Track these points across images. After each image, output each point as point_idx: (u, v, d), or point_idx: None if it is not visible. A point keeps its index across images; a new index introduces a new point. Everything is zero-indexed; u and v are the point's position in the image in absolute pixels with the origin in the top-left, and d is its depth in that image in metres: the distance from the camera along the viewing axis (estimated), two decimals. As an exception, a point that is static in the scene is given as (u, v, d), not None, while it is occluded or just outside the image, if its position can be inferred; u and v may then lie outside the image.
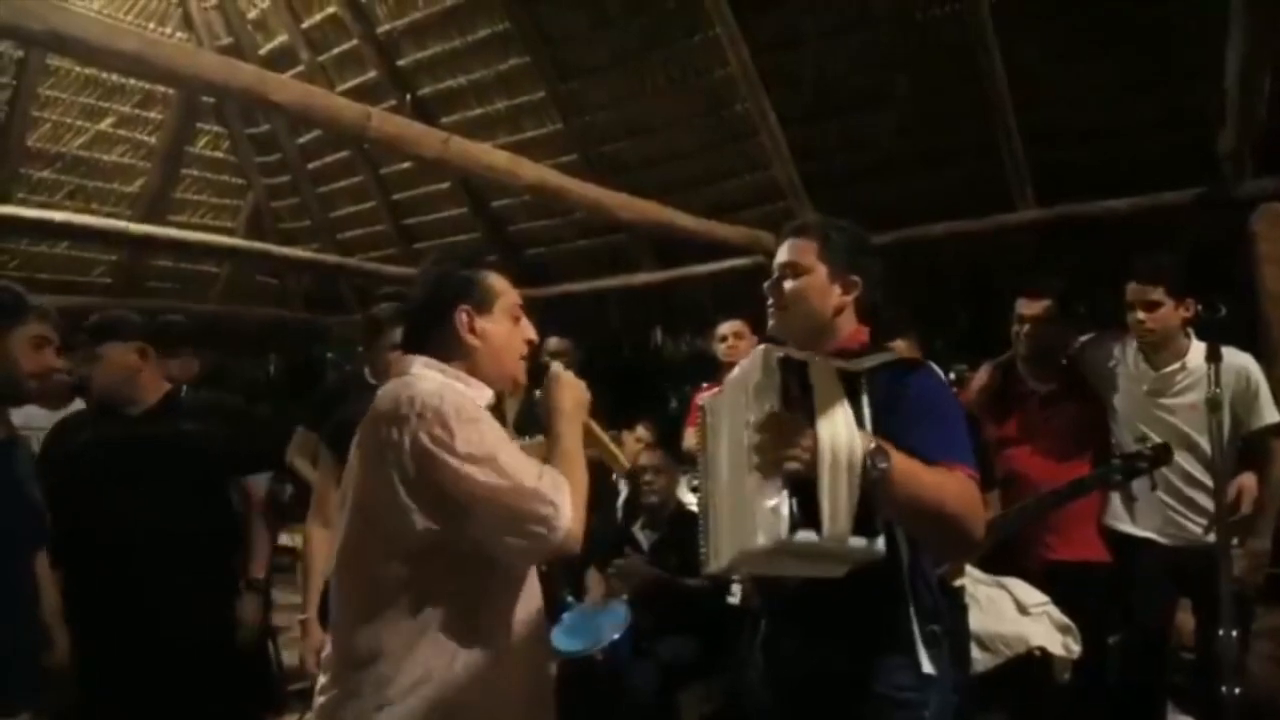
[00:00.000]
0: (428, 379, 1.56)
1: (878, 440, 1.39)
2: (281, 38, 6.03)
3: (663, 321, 6.21)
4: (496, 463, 1.45)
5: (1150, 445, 2.64)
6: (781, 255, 1.76)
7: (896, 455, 1.39)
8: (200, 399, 2.91)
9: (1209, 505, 2.73)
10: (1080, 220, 4.01)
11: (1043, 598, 2.72)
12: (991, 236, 4.27)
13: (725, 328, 3.93)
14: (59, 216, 5.01)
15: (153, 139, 6.33)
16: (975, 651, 2.57)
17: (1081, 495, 2.77)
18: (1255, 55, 2.57)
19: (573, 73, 5.05)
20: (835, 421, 1.38)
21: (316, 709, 1.54)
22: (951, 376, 3.50)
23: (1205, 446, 2.67)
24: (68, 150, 5.96)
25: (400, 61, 5.61)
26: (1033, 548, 2.95)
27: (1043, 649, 2.63)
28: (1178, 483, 2.81)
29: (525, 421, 2.03)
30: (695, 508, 2.49)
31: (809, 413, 1.38)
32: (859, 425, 1.42)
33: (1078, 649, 2.68)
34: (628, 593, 3.33)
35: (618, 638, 3.21)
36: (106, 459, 2.62)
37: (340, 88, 5.79)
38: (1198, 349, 2.71)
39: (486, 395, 1.62)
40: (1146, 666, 2.90)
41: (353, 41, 5.69)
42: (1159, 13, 3.52)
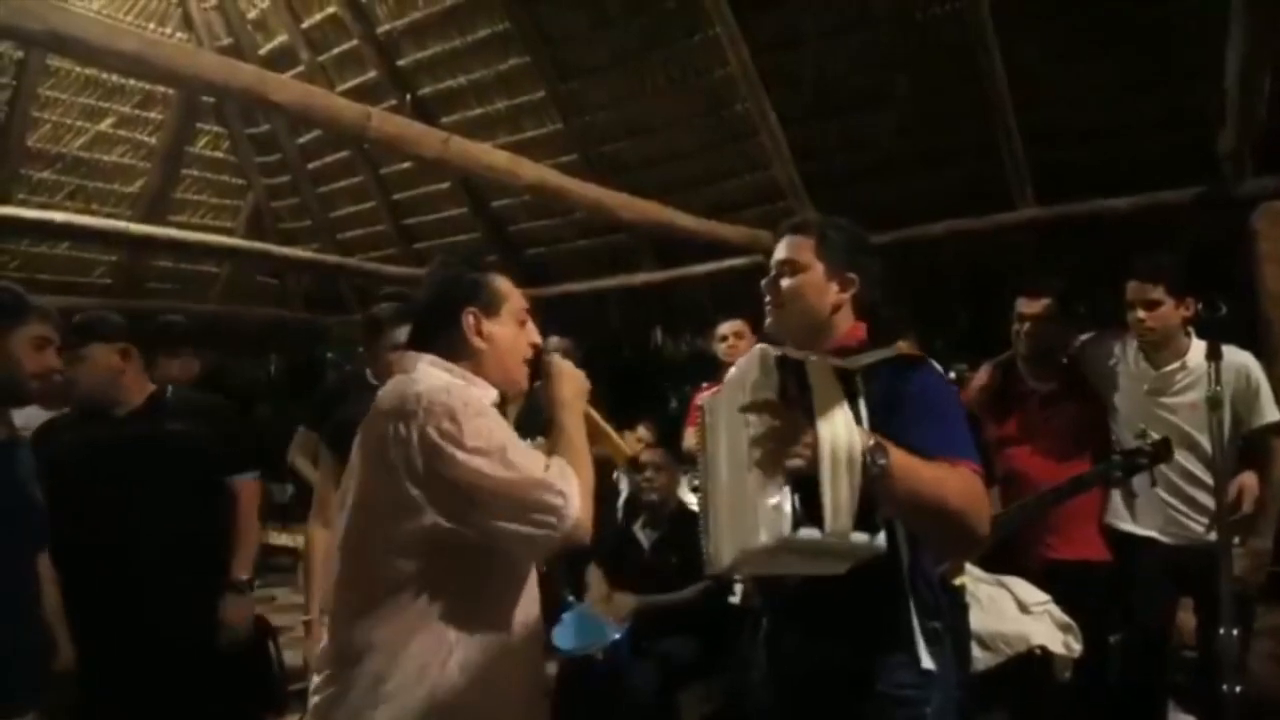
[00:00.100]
0: (434, 376, 1.56)
1: (876, 437, 1.40)
2: (281, 38, 6.03)
3: (663, 321, 6.20)
4: (505, 455, 1.46)
5: (1151, 441, 2.64)
6: (779, 253, 1.76)
7: (895, 451, 1.39)
8: (185, 399, 2.89)
9: (1210, 504, 2.72)
10: (1080, 219, 4.01)
11: (1044, 596, 2.72)
12: (991, 236, 4.27)
13: (725, 327, 3.93)
14: (59, 217, 5.02)
15: (153, 139, 6.34)
16: (976, 650, 2.56)
17: (1082, 492, 2.77)
18: (1255, 55, 2.56)
19: (573, 73, 5.05)
20: (834, 419, 1.38)
21: (312, 708, 1.53)
22: (951, 376, 3.49)
23: (1206, 445, 2.67)
24: (68, 151, 5.97)
25: (400, 61, 5.61)
26: (1033, 547, 2.95)
27: (1044, 648, 2.63)
28: (1179, 481, 2.81)
29: (526, 419, 2.02)
30: (696, 507, 2.49)
31: (808, 411, 1.38)
32: (857, 422, 1.42)
33: (1079, 648, 2.68)
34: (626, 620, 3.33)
35: (618, 637, 3.21)
36: (93, 460, 2.61)
37: (340, 88, 5.79)
38: (1198, 348, 2.71)
39: (491, 395, 1.62)
40: (1147, 665, 2.90)
41: (353, 41, 5.69)
42: (1159, 13, 3.52)
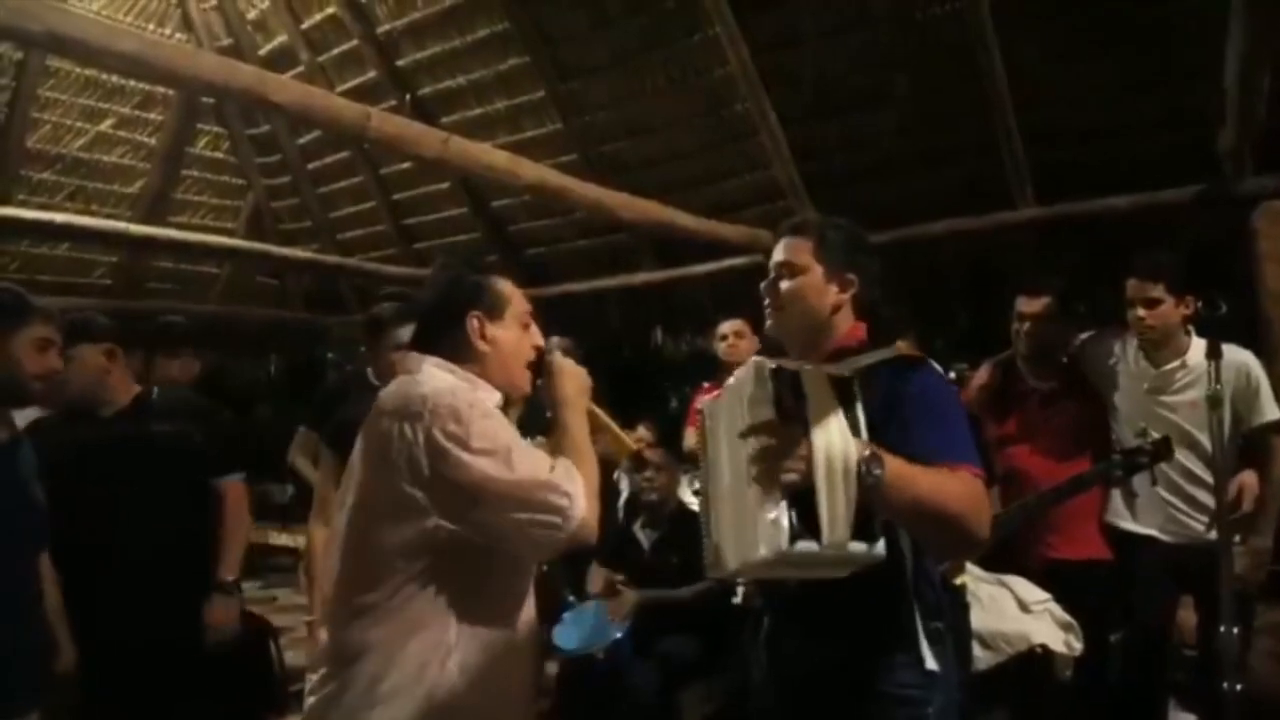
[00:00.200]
0: (438, 378, 1.56)
1: (872, 447, 1.40)
2: (281, 38, 6.03)
3: (663, 321, 6.19)
4: (510, 457, 1.46)
5: (1151, 440, 2.64)
6: (777, 255, 1.75)
7: (891, 461, 1.39)
8: (171, 400, 2.88)
9: (1210, 502, 2.72)
10: (1080, 218, 4.01)
11: (1044, 595, 2.72)
12: (991, 235, 4.27)
13: (725, 327, 3.93)
14: (59, 218, 5.02)
15: (153, 140, 6.33)
16: (977, 649, 2.56)
17: (1082, 491, 2.77)
18: (1255, 53, 2.56)
19: (572, 72, 5.05)
20: (830, 430, 1.39)
21: (309, 708, 1.53)
22: (952, 375, 3.49)
23: (1206, 444, 2.67)
24: (68, 152, 5.96)
25: (400, 62, 5.61)
26: (1034, 546, 2.95)
27: (1044, 646, 2.63)
28: (1179, 480, 2.81)
29: (529, 418, 2.02)
30: (696, 508, 2.49)
31: (803, 423, 1.39)
32: (854, 431, 1.42)
33: (1079, 646, 2.68)
34: (628, 618, 3.32)
35: (619, 637, 3.21)
36: (79, 461, 2.60)
37: (340, 88, 5.79)
38: (1198, 346, 2.71)
39: (495, 398, 1.63)
40: (1148, 664, 2.90)
41: (352, 42, 5.69)
42: (1159, 13, 3.52)
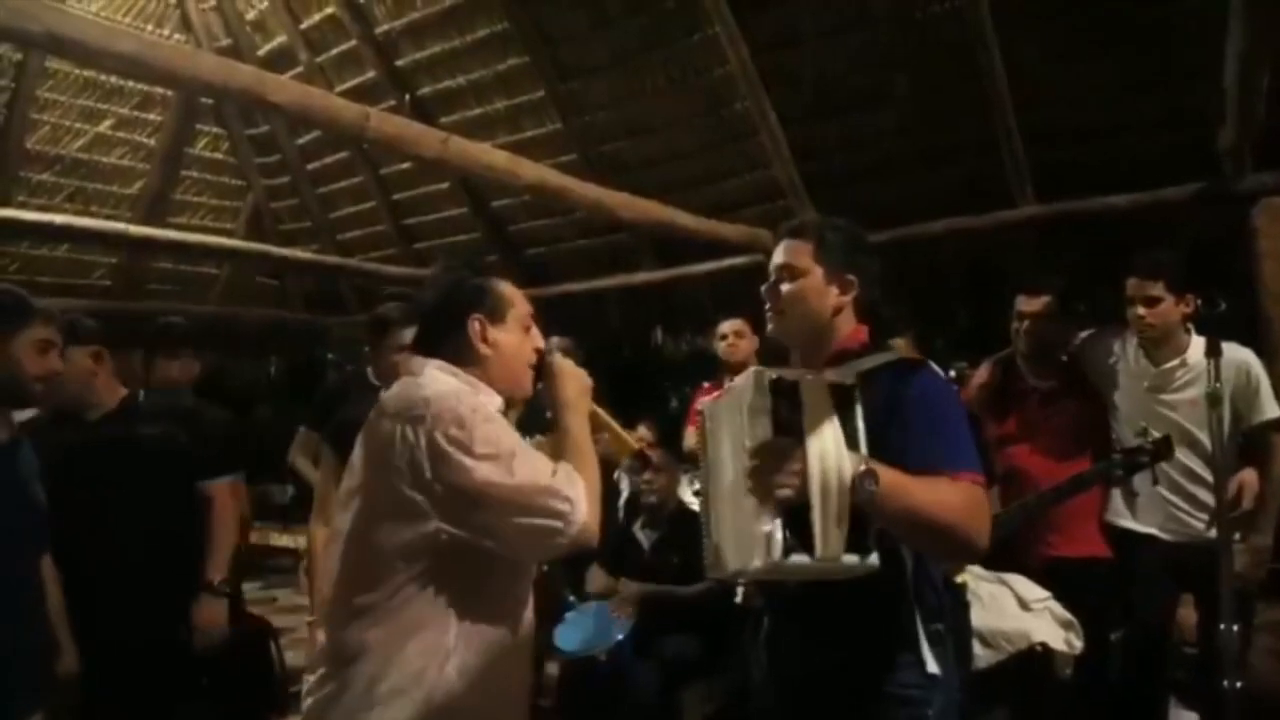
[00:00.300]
0: (441, 381, 1.56)
1: (867, 461, 1.40)
2: (280, 38, 6.03)
3: (663, 321, 6.20)
4: (512, 461, 1.46)
5: (1151, 439, 2.64)
6: (777, 258, 1.74)
7: (886, 474, 1.40)
8: (158, 403, 2.87)
9: (1210, 501, 2.72)
10: (1080, 217, 4.01)
11: (1044, 593, 2.72)
12: (991, 234, 4.27)
13: (726, 326, 3.93)
14: (59, 219, 5.00)
15: (152, 141, 6.33)
16: (977, 647, 2.56)
17: (1082, 490, 2.77)
18: (1254, 53, 2.57)
19: (572, 72, 5.05)
20: (825, 444, 1.40)
21: (307, 708, 1.53)
22: (951, 374, 3.50)
23: (1206, 442, 2.67)
24: (67, 153, 5.96)
25: (399, 62, 5.61)
26: (1034, 545, 2.95)
27: (1045, 645, 2.63)
28: (1179, 478, 2.81)
29: (529, 419, 2.03)
30: (697, 508, 2.49)
31: (800, 436, 1.40)
32: (851, 442, 1.43)
33: (1079, 644, 2.68)
34: (631, 614, 3.32)
35: (620, 638, 3.21)
36: (66, 464, 2.58)
37: (339, 88, 5.79)
38: (1198, 344, 2.71)
39: (496, 402, 1.63)
40: (1148, 662, 2.90)
41: (351, 42, 5.68)
42: (1159, 12, 3.52)
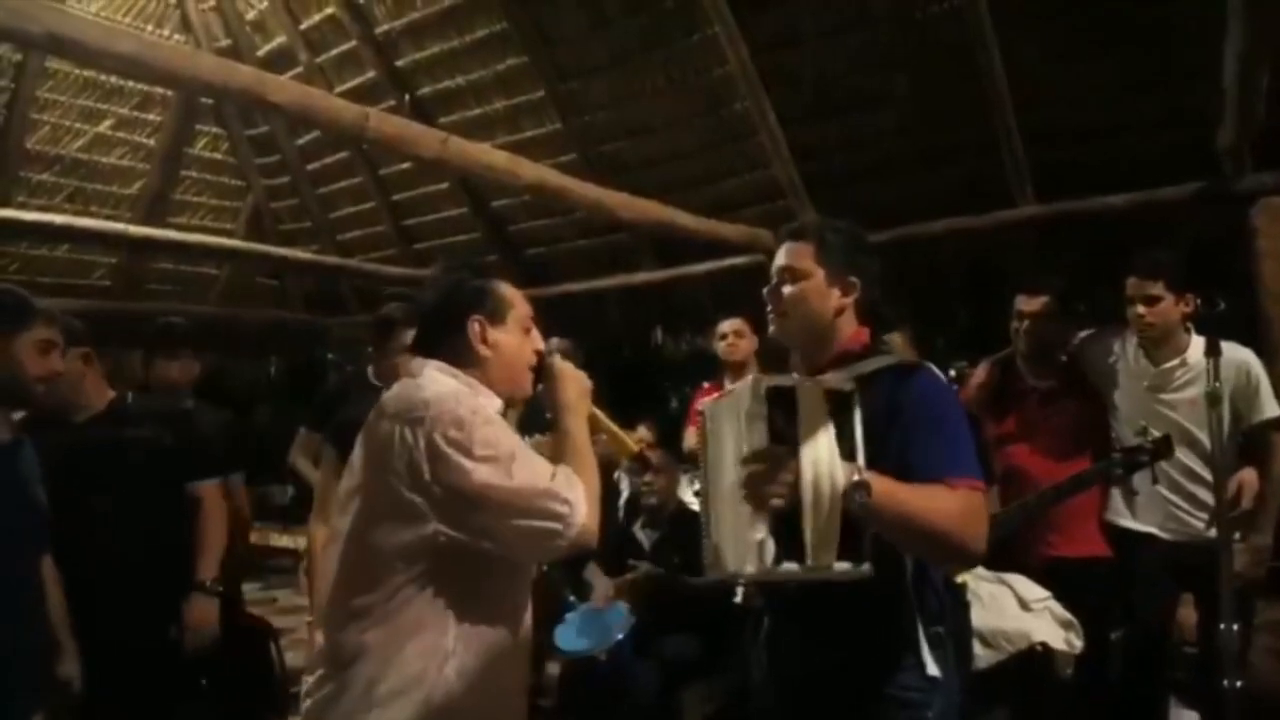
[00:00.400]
0: (441, 382, 1.56)
1: (860, 471, 1.40)
2: (280, 39, 6.03)
3: (663, 321, 6.20)
4: (512, 463, 1.46)
5: (1151, 439, 2.64)
6: (779, 260, 1.75)
7: (879, 484, 1.40)
8: (146, 405, 2.87)
9: (1210, 500, 2.72)
10: (1080, 217, 4.01)
11: (1044, 593, 2.71)
12: (991, 234, 4.27)
13: (725, 326, 3.92)
14: (58, 219, 5.02)
15: (152, 141, 6.33)
16: (977, 647, 2.56)
17: (1082, 490, 2.77)
18: (1254, 53, 2.57)
19: (571, 72, 5.06)
20: (819, 453, 1.40)
21: (305, 709, 1.53)
22: (951, 374, 3.51)
23: (1206, 441, 2.66)
24: (67, 153, 5.96)
25: (399, 62, 5.61)
26: (1034, 544, 2.94)
27: (1045, 644, 2.62)
28: (1178, 478, 2.81)
29: (528, 420, 2.03)
30: (697, 508, 2.49)
31: (794, 445, 1.40)
32: (847, 449, 1.43)
33: (1080, 644, 2.67)
34: (630, 595, 3.32)
35: (620, 638, 3.20)
36: (55, 466, 2.56)
37: (339, 88, 5.79)
38: (1198, 344, 2.71)
39: (496, 403, 1.63)
40: (1148, 661, 2.90)
41: (351, 42, 5.69)
42: (1159, 13, 3.52)
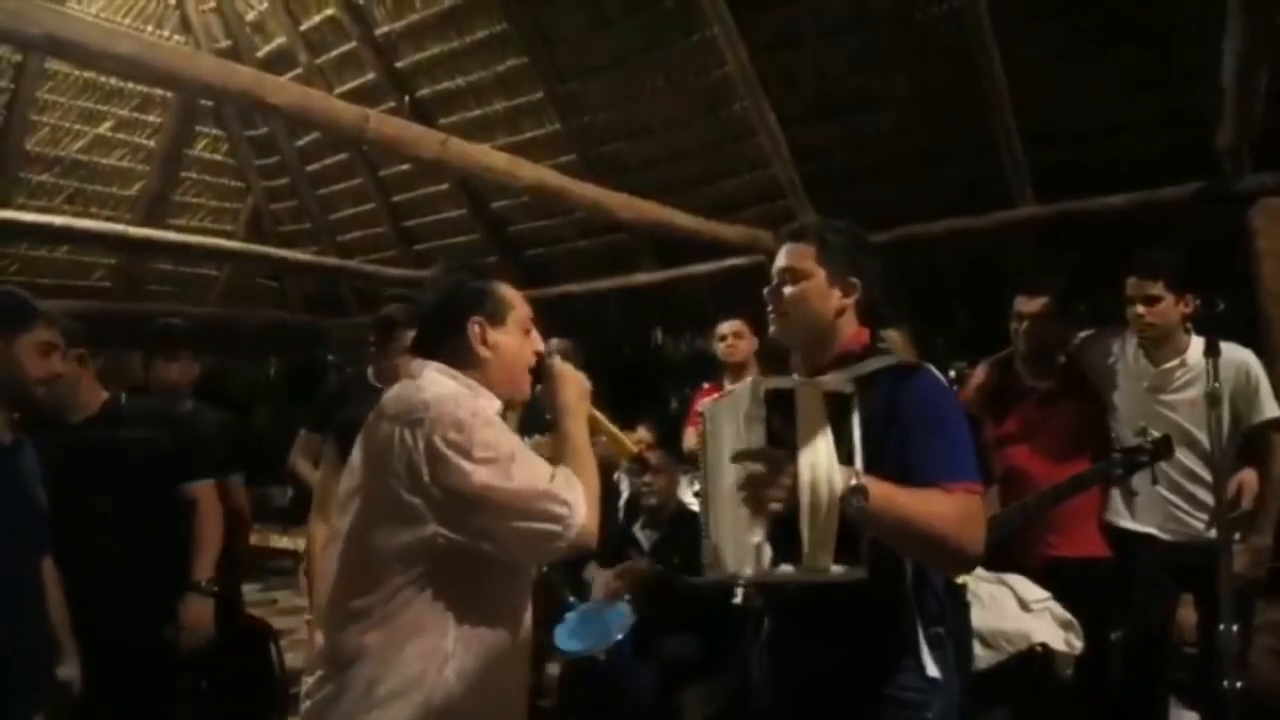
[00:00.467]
0: (440, 384, 1.56)
1: (857, 475, 1.40)
2: (280, 40, 6.03)
3: (663, 321, 6.20)
4: (511, 465, 1.46)
5: (1150, 439, 2.64)
6: (780, 260, 1.74)
7: (876, 488, 1.40)
8: (140, 406, 2.87)
9: (1210, 501, 2.72)
10: (1079, 217, 4.01)
11: (1044, 594, 2.71)
12: (991, 234, 4.27)
13: (725, 327, 3.92)
14: (58, 220, 5.03)
15: (151, 142, 6.33)
16: (977, 648, 2.56)
17: (1082, 490, 2.77)
18: (1253, 53, 2.57)
19: (571, 73, 5.06)
20: (816, 457, 1.40)
21: (305, 710, 1.53)
22: (951, 374, 3.50)
23: (1206, 442, 2.66)
24: (66, 154, 5.96)
25: (398, 63, 5.62)
26: (1034, 545, 2.94)
27: (1045, 645, 2.62)
28: (1178, 478, 2.81)
29: (529, 420, 2.03)
30: (697, 508, 2.49)
31: (792, 448, 1.40)
32: (845, 452, 1.44)
33: (1080, 645, 2.67)
34: (629, 591, 3.32)
35: (620, 638, 3.20)
36: (55, 467, 2.55)
37: (338, 90, 5.79)
38: (1197, 345, 2.70)
39: (496, 405, 1.63)
40: (1148, 662, 2.90)
41: (351, 43, 5.69)
42: (1158, 13, 3.52)
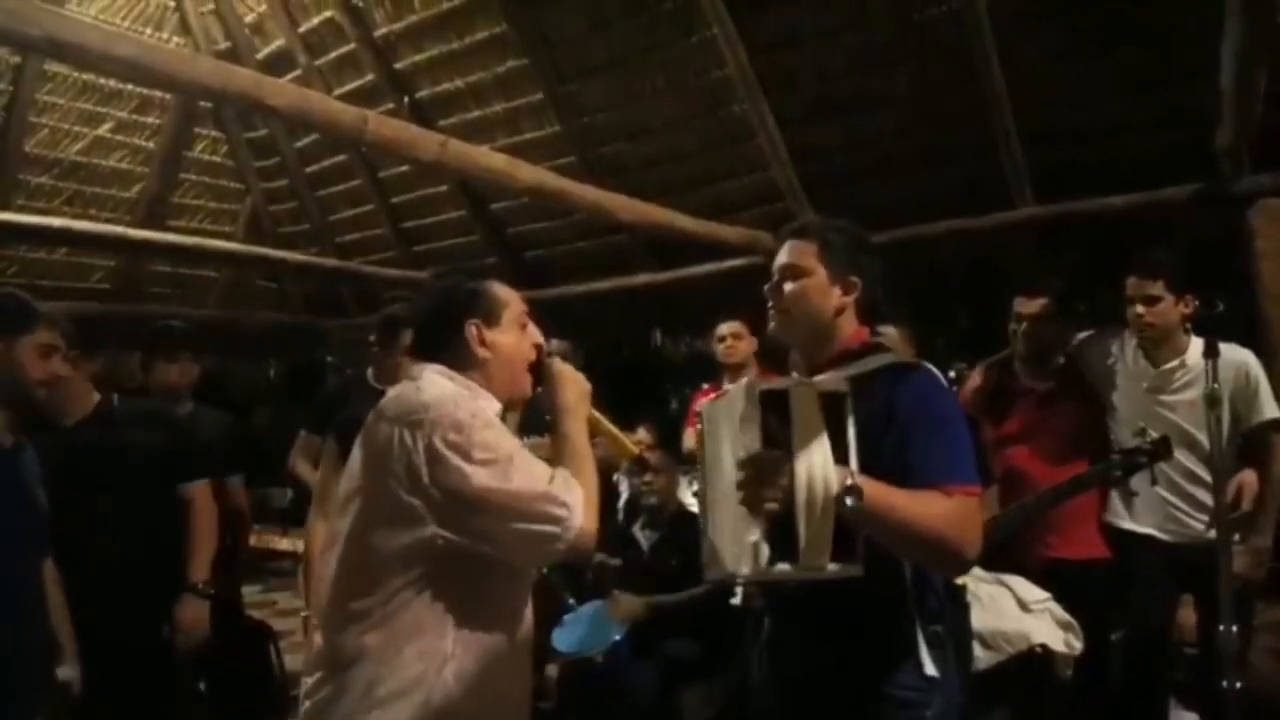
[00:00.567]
0: (440, 385, 1.57)
1: (853, 475, 1.41)
2: (279, 42, 6.03)
3: (662, 323, 6.19)
4: (510, 467, 1.46)
5: (1150, 439, 2.63)
6: (781, 258, 1.75)
7: (871, 489, 1.40)
8: (134, 407, 2.88)
9: (1209, 501, 2.72)
10: (1079, 217, 4.01)
11: (1044, 594, 2.72)
12: (991, 235, 4.27)
13: (724, 328, 3.93)
14: (57, 222, 5.02)
15: (151, 144, 6.32)
16: (977, 649, 2.56)
17: (1081, 491, 2.76)
18: (1252, 53, 2.57)
19: (570, 74, 5.05)
20: (813, 458, 1.41)
21: (304, 711, 1.53)
22: (950, 375, 3.50)
23: (1205, 443, 2.65)
24: (66, 156, 5.95)
25: (398, 64, 5.61)
26: (1033, 546, 2.94)
27: (1045, 646, 2.63)
28: (1178, 479, 2.81)
29: (529, 420, 2.02)
30: (696, 509, 2.49)
31: (788, 448, 1.41)
32: (841, 452, 1.44)
33: (1079, 645, 2.67)
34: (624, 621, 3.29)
35: (619, 639, 3.20)
36: (54, 468, 2.54)
37: (338, 91, 5.78)
38: (1197, 345, 2.70)
39: (495, 406, 1.63)
40: (1148, 663, 2.90)
41: (350, 45, 5.68)
42: (1158, 13, 3.52)
